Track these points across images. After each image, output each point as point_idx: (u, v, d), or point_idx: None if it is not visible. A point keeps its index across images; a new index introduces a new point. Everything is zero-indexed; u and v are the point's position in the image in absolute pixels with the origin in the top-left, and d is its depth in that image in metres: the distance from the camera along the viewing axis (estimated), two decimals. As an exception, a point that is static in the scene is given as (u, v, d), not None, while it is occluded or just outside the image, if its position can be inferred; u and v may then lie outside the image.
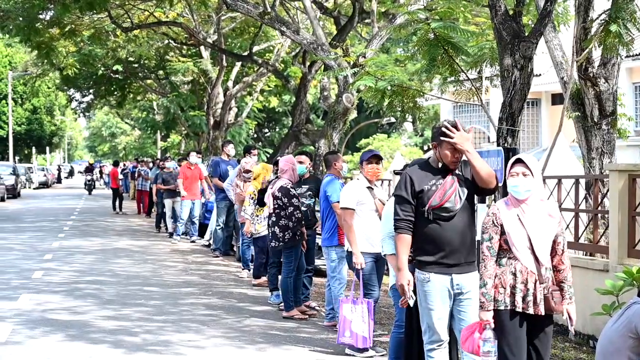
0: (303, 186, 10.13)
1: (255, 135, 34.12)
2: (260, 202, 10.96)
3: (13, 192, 35.59)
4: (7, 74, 46.80)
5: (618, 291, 6.50)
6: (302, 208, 9.63)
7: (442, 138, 5.60)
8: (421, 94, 11.56)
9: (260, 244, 11.68)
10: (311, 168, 10.89)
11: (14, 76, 45.80)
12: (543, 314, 5.26)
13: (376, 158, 7.66)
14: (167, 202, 18.29)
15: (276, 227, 9.05)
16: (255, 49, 21.00)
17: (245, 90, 25.39)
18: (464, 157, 5.77)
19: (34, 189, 42.97)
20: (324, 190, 8.64)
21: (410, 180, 5.70)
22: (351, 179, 9.21)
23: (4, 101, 48.82)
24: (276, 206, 9.36)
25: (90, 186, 41.27)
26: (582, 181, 8.82)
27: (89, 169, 43.62)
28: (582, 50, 9.84)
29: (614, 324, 4.98)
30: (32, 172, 48.05)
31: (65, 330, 9.48)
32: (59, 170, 65.35)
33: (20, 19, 18.52)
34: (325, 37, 14.78)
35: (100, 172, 49.26)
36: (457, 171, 5.76)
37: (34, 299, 11.58)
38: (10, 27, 19.64)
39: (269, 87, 27.07)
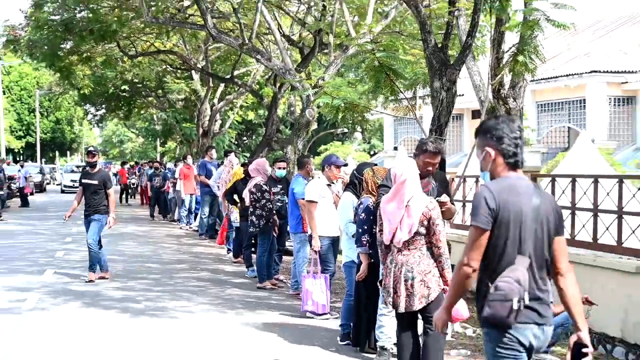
0: (278, 185, 9.60)
1: (235, 142, 32.96)
2: (231, 201, 10.53)
3: (40, 187, 33.54)
4: (35, 92, 44.45)
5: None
6: (277, 203, 9.28)
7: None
8: (368, 109, 11.09)
9: (238, 230, 11.38)
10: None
11: (41, 94, 43.50)
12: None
13: (344, 165, 7.70)
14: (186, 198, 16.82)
15: (253, 216, 8.75)
16: (236, 72, 19.83)
17: (227, 105, 24.10)
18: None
19: (57, 185, 41.07)
20: (291, 187, 8.43)
21: None
22: (312, 177, 8.98)
23: (32, 114, 46.00)
24: (252, 200, 8.93)
25: None
26: (603, 181, 7.23)
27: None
28: (495, 76, 9.60)
29: None
30: (56, 172, 46.04)
31: (82, 299, 9.20)
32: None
33: (45, 47, 17.45)
34: (292, 64, 14.11)
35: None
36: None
37: (56, 274, 11.21)
38: (38, 55, 18.44)
39: (247, 103, 25.73)
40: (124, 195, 27.75)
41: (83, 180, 10.00)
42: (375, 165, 7.08)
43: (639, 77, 21.16)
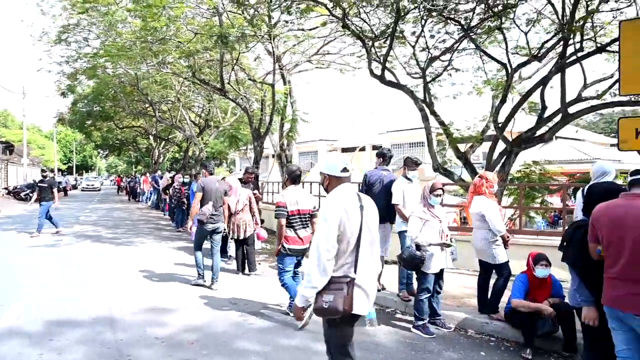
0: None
1: (169, 167, 42.72)
2: (164, 193, 15.65)
3: (74, 187, 43.93)
4: (73, 143, 58.41)
5: None
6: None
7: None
8: (227, 153, 16.67)
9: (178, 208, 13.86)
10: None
11: (75, 144, 58.70)
12: None
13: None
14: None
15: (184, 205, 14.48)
16: (170, 136, 30.41)
17: (166, 150, 34.67)
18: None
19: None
20: (191, 189, 11.93)
21: None
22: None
23: (71, 153, 61.25)
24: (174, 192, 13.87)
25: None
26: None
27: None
28: (281, 137, 15.01)
29: None
30: (82, 180, 55.37)
31: (90, 239, 10.87)
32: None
33: (77, 122, 24.52)
34: (195, 134, 21.57)
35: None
36: None
37: (78, 228, 13.17)
38: (73, 126, 26.36)
39: (175, 150, 36.23)
40: (117, 191, 36.36)
41: (39, 184, 12.19)
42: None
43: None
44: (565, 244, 3.48)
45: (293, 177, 5.33)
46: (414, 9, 9.20)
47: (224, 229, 7.11)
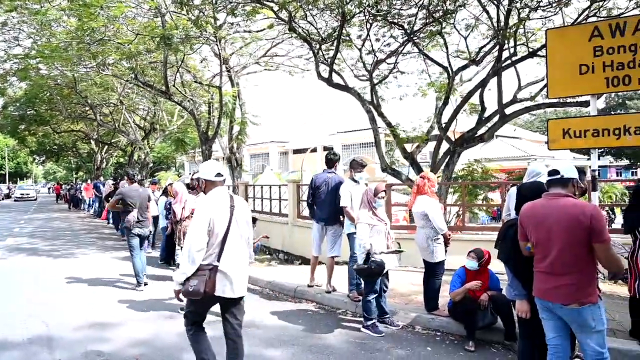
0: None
1: (113, 173, 42.09)
2: (106, 200, 15.58)
3: (8, 196, 42.68)
4: (5, 149, 55.27)
5: None
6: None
7: None
8: (175, 157, 16.65)
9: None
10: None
11: (8, 150, 55.41)
12: None
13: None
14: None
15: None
16: (113, 140, 29.78)
17: (109, 155, 32.94)
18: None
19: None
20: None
21: None
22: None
23: (3, 160, 57.82)
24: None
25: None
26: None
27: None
28: (230, 141, 15.18)
29: None
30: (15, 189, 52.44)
31: (25, 252, 10.49)
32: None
33: (10, 127, 22.30)
34: (139, 138, 20.81)
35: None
36: None
37: (12, 241, 12.53)
38: (5, 131, 23.64)
39: (119, 154, 34.12)
40: (57, 199, 34.91)
41: None
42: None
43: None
44: (499, 242, 3.66)
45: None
46: (359, 13, 9.43)
47: (150, 232, 7.40)
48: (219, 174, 3.66)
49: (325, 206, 6.45)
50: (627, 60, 5.46)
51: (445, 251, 5.49)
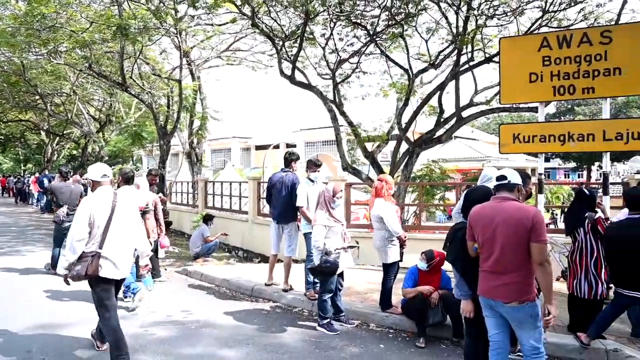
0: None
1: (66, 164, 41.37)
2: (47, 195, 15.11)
3: None
4: None
5: None
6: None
7: None
8: (132, 151, 16.40)
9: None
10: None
11: None
12: None
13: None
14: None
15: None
16: (66, 131, 28.07)
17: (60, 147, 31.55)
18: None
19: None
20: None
21: None
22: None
23: None
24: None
25: None
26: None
27: None
28: (190, 135, 15.26)
29: None
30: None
31: None
32: None
33: None
34: (94, 129, 19.72)
35: None
36: None
37: None
38: None
39: (72, 146, 33.08)
40: (2, 193, 32.89)
41: None
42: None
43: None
44: (448, 244, 3.84)
45: (126, 178, 5.81)
46: (323, 12, 9.54)
47: None
48: (104, 175, 4.25)
49: (280, 205, 6.51)
50: (572, 71, 5.81)
51: (402, 253, 5.61)
